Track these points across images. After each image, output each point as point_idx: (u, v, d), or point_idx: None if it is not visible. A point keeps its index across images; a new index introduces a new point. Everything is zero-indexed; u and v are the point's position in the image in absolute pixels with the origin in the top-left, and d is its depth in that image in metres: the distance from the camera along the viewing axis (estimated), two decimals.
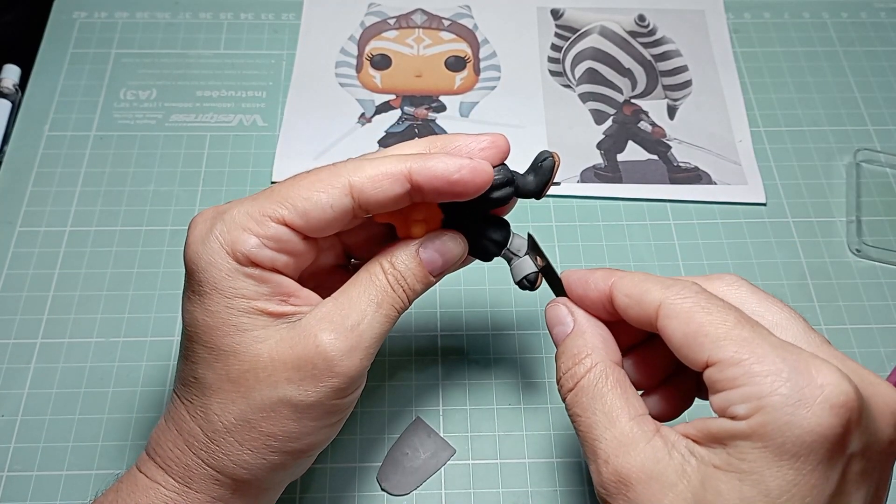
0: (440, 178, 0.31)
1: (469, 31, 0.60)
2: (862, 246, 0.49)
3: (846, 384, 0.25)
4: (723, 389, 0.27)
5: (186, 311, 0.32)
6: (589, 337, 0.32)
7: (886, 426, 0.27)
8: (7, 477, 0.40)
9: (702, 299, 0.29)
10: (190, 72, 0.56)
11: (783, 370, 0.26)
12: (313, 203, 0.30)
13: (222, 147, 0.53)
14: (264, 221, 0.30)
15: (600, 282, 0.32)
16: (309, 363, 0.30)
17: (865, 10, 0.62)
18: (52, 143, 0.53)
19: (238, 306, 0.31)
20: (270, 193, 0.31)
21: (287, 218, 0.31)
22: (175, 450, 0.32)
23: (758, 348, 0.27)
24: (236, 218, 0.31)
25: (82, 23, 0.59)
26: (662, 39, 0.60)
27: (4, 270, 0.47)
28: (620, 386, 0.30)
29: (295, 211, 0.30)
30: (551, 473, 0.41)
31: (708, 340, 0.28)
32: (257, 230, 0.30)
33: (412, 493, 0.41)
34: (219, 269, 0.30)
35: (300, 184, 0.31)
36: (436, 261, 0.33)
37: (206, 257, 0.31)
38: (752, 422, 0.26)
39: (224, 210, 0.31)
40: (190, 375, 0.32)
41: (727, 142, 0.54)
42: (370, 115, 0.55)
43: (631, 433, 0.29)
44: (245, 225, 0.30)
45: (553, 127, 0.55)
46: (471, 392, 0.44)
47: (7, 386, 0.43)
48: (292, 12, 0.60)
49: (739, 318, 0.28)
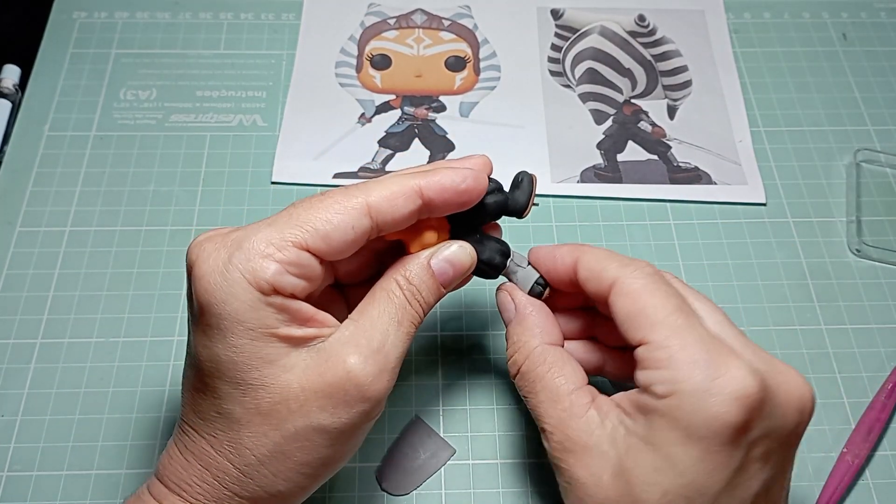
0: (449, 189, 0.32)
1: (469, 31, 0.60)
2: (862, 246, 0.49)
3: (751, 379, 0.29)
4: (648, 368, 0.30)
5: (204, 348, 0.31)
6: (528, 324, 0.35)
7: (791, 414, 0.30)
8: (7, 477, 0.40)
9: (651, 282, 0.32)
10: (190, 72, 0.56)
11: (700, 361, 0.29)
12: (334, 226, 0.30)
13: (222, 147, 0.53)
14: (286, 247, 0.30)
15: (566, 256, 0.35)
16: (340, 390, 0.30)
17: (865, 10, 0.62)
18: (52, 143, 0.53)
19: (263, 338, 0.30)
20: (289, 218, 0.31)
21: (309, 242, 0.30)
22: (203, 484, 0.31)
23: (687, 337, 0.30)
24: (256, 246, 0.30)
25: (82, 23, 0.59)
26: (662, 39, 0.60)
27: (4, 270, 0.47)
28: (557, 365, 0.34)
29: (317, 234, 0.30)
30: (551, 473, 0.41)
31: (646, 322, 0.31)
32: (279, 256, 0.30)
33: (412, 493, 0.41)
34: (241, 301, 0.29)
35: (318, 207, 0.31)
36: (447, 271, 0.34)
37: (226, 289, 0.29)
38: (667, 402, 0.29)
39: (240, 238, 0.30)
40: (212, 410, 0.31)
41: (727, 142, 0.54)
42: (370, 115, 0.55)
43: (570, 408, 0.32)
44: (265, 252, 0.30)
45: (553, 127, 0.55)
46: (471, 392, 0.44)
47: (7, 386, 0.43)
48: (292, 12, 0.60)
49: (679, 305, 0.31)
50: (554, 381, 0.33)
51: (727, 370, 0.29)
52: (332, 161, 0.52)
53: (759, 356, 0.31)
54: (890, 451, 0.42)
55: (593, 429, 0.31)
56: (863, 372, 0.45)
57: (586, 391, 0.33)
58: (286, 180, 0.52)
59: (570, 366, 0.34)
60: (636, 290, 0.32)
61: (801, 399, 0.31)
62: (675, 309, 0.31)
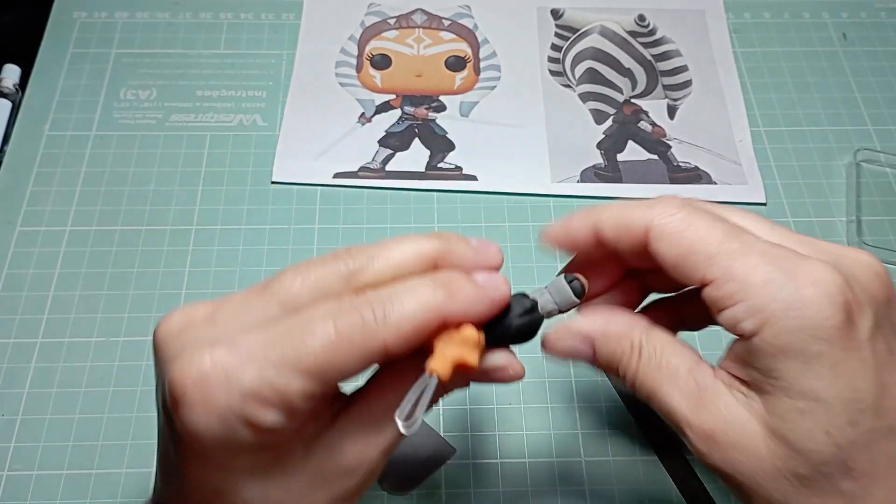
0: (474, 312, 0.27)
1: (469, 30, 0.60)
2: (862, 246, 0.49)
3: (833, 272, 0.26)
4: (725, 307, 0.27)
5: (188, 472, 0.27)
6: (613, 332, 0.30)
7: (877, 287, 0.28)
8: (7, 477, 0.40)
9: (686, 214, 0.28)
10: (190, 72, 0.56)
11: (776, 277, 0.26)
12: (346, 373, 0.26)
13: (222, 147, 0.53)
14: (292, 398, 0.25)
15: (582, 224, 0.31)
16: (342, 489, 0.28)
17: (865, 10, 0.62)
18: (52, 143, 0.53)
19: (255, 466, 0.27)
20: (295, 357, 0.25)
21: (318, 391, 0.26)
22: None
23: (749, 259, 0.27)
24: (257, 392, 0.25)
25: (82, 23, 0.59)
26: (662, 39, 0.60)
27: (4, 270, 0.47)
28: (669, 347, 0.29)
29: (326, 383, 0.26)
30: (551, 473, 0.41)
31: (700, 259, 0.27)
32: (283, 406, 0.25)
33: (412, 492, 0.40)
34: (238, 443, 0.26)
35: (328, 349, 0.25)
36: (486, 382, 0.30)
37: (224, 433, 0.25)
38: (765, 335, 0.26)
39: (238, 375, 0.25)
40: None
41: (727, 142, 0.54)
42: (370, 114, 0.55)
43: (696, 390, 0.28)
44: (269, 399, 0.25)
45: (553, 127, 0.55)
46: (471, 392, 0.44)
47: (7, 386, 0.43)
48: (292, 12, 0.60)
49: (726, 230, 0.28)
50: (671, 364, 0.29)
51: (806, 276, 0.26)
52: (332, 161, 0.52)
53: (823, 248, 0.28)
54: None
55: (728, 402, 0.28)
56: None
57: (704, 365, 0.29)
58: (286, 180, 0.52)
59: (679, 344, 0.30)
60: (675, 229, 0.28)
61: (872, 268, 0.28)
62: (725, 235, 0.28)
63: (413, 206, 0.51)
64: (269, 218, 0.50)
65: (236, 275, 0.48)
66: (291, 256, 0.48)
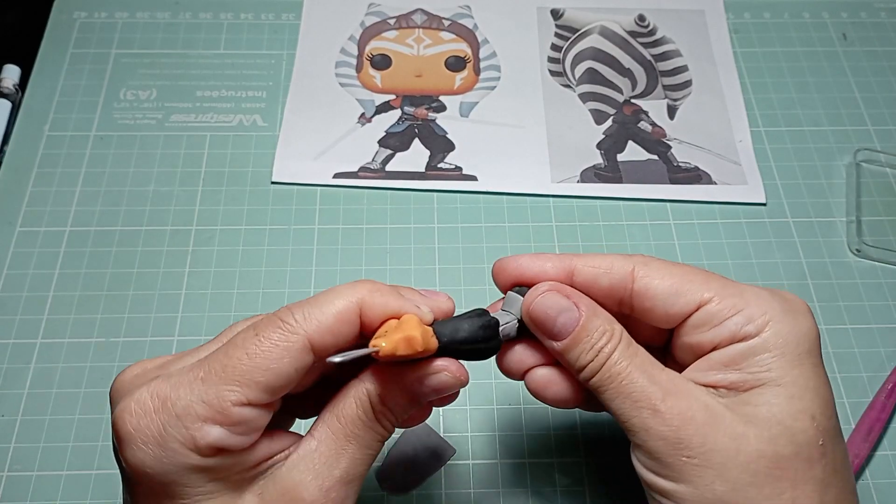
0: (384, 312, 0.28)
1: (469, 31, 0.60)
2: (862, 246, 0.49)
3: (800, 298, 0.31)
4: (726, 318, 0.30)
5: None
6: (604, 313, 0.31)
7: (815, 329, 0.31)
8: (7, 477, 0.40)
9: (664, 262, 0.32)
10: (190, 72, 0.56)
11: (764, 293, 0.31)
12: (275, 374, 0.27)
13: (222, 147, 0.53)
14: (226, 408, 0.26)
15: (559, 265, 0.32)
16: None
17: (865, 10, 0.62)
18: (52, 143, 0.53)
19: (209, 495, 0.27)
20: (222, 371, 0.27)
21: (251, 397, 0.26)
22: None
23: (734, 286, 0.31)
24: (191, 409, 0.26)
25: (82, 23, 0.59)
26: (662, 39, 0.60)
27: (4, 270, 0.47)
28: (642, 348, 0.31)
29: (258, 388, 0.26)
30: (551, 473, 0.41)
31: (695, 285, 0.31)
32: (220, 419, 0.26)
33: (412, 493, 0.41)
34: (184, 468, 0.26)
35: (254, 353, 0.27)
36: (430, 395, 0.29)
37: (166, 460, 0.26)
38: (766, 335, 0.30)
39: (170, 400, 0.26)
40: None
41: (727, 142, 0.54)
42: (370, 115, 0.55)
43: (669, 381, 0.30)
44: (204, 415, 0.26)
45: (553, 127, 0.55)
46: (471, 392, 0.44)
47: (7, 386, 0.43)
48: (292, 12, 0.60)
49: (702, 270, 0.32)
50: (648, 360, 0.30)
51: (785, 296, 0.31)
52: (332, 161, 0.52)
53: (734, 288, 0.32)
54: (890, 451, 0.42)
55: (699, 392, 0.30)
56: (863, 372, 0.45)
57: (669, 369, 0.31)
58: (286, 180, 0.52)
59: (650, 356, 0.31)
60: (660, 267, 0.31)
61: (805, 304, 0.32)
62: (703, 271, 0.32)
63: (413, 206, 0.51)
64: (269, 218, 0.50)
65: (236, 275, 0.48)
66: (291, 256, 0.48)
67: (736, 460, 0.28)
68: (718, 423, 0.29)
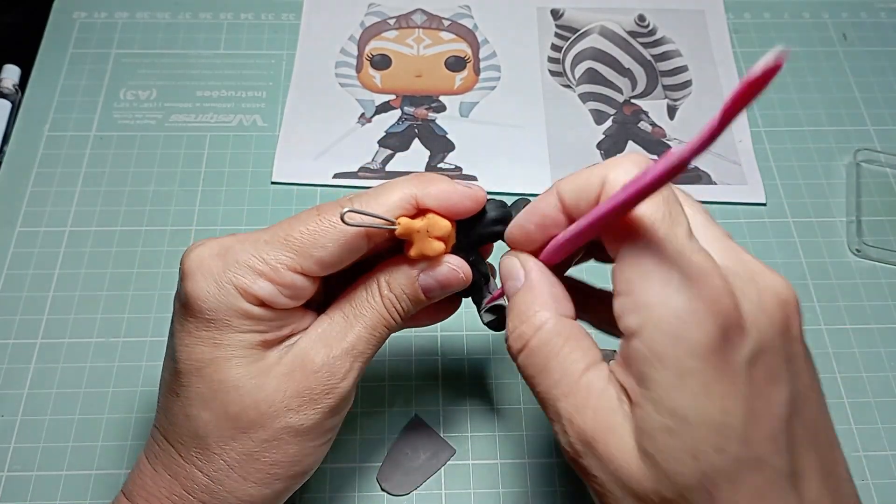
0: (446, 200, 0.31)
1: (469, 31, 0.60)
2: (862, 246, 0.49)
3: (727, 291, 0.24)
4: (618, 294, 0.26)
5: (185, 346, 0.31)
6: (538, 292, 0.29)
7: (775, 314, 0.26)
8: (7, 477, 0.40)
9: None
10: (190, 72, 0.56)
11: (675, 280, 0.25)
12: (328, 251, 0.30)
13: (222, 147, 0.53)
14: (279, 269, 0.30)
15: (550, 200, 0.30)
16: (307, 389, 0.31)
17: (865, 10, 0.62)
18: (52, 143, 0.53)
19: (246, 342, 0.31)
20: (286, 238, 0.31)
21: (304, 266, 0.30)
22: (172, 496, 0.31)
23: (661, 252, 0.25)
24: (253, 263, 0.30)
25: (82, 23, 0.59)
26: (662, 39, 0.60)
27: (4, 270, 0.47)
28: (574, 339, 0.28)
29: (312, 259, 0.30)
30: (551, 473, 0.41)
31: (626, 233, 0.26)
32: (273, 277, 0.30)
33: (412, 493, 0.41)
34: (232, 308, 0.30)
35: (315, 230, 0.30)
36: (433, 288, 0.33)
37: (219, 297, 0.30)
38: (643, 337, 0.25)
39: (236, 251, 0.31)
40: (181, 413, 0.31)
41: (727, 142, 0.54)
42: (370, 115, 0.55)
43: (588, 388, 0.27)
44: (260, 269, 0.30)
45: (553, 127, 0.55)
46: (471, 392, 0.44)
47: (7, 386, 0.43)
48: (292, 12, 0.60)
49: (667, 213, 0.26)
50: (570, 358, 0.28)
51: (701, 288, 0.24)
52: (332, 161, 0.52)
53: (742, 262, 0.27)
54: (890, 451, 0.42)
55: (614, 406, 0.26)
56: (863, 372, 0.45)
57: (602, 365, 0.28)
58: (286, 180, 0.52)
59: (587, 341, 0.28)
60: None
61: (779, 295, 0.26)
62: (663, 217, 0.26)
63: None
64: (269, 218, 0.50)
65: None
66: None
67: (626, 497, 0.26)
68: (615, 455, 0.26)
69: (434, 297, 0.33)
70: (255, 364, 0.31)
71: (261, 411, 0.30)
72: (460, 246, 0.33)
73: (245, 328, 0.30)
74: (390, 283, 0.32)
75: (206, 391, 0.30)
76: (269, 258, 0.30)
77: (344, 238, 0.30)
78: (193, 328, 0.31)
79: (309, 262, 0.30)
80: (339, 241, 0.30)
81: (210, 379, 0.30)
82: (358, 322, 0.32)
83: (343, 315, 0.32)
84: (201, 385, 0.31)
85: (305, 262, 0.30)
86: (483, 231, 0.33)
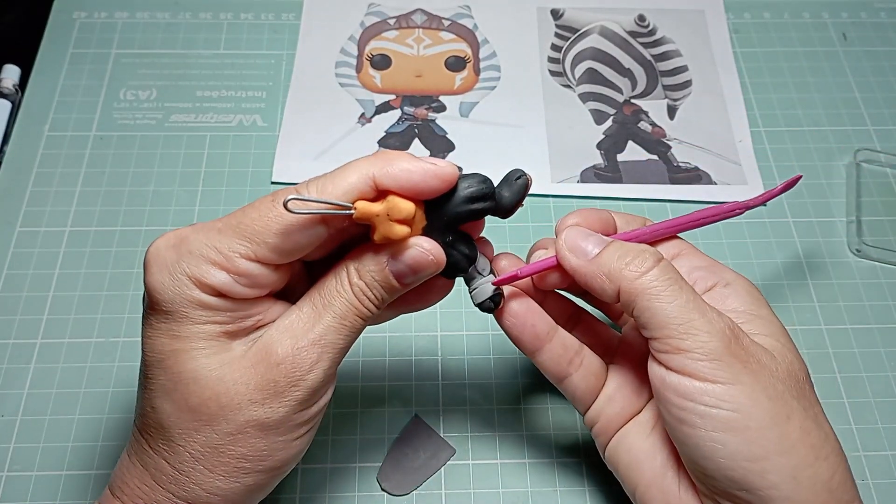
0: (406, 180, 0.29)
1: (469, 31, 0.60)
2: (862, 246, 0.49)
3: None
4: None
5: (149, 339, 0.31)
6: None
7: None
8: (7, 477, 0.40)
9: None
10: (190, 72, 0.56)
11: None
12: (287, 237, 0.29)
13: (222, 147, 0.53)
14: (233, 258, 0.29)
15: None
16: (271, 381, 0.30)
17: (865, 10, 0.62)
18: (52, 143, 0.53)
19: (205, 333, 0.30)
20: (237, 226, 0.30)
21: (259, 255, 0.29)
22: (143, 486, 0.31)
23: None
24: (203, 251, 0.29)
25: (82, 23, 0.59)
26: (662, 39, 0.60)
27: (4, 270, 0.47)
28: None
29: (266, 247, 0.29)
30: (551, 473, 0.41)
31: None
32: (227, 266, 0.29)
33: (412, 493, 0.41)
34: (188, 299, 0.30)
35: (266, 215, 0.29)
36: (405, 274, 0.31)
37: (173, 289, 0.30)
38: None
39: (189, 240, 0.30)
40: (148, 405, 0.31)
41: (727, 142, 0.54)
42: (370, 115, 0.55)
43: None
44: (213, 259, 0.29)
45: (553, 127, 0.55)
46: (471, 392, 0.44)
47: (7, 386, 0.43)
48: (292, 12, 0.60)
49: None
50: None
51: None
52: (332, 161, 0.52)
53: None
54: (890, 451, 0.42)
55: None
56: (863, 372, 0.45)
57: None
58: (286, 180, 0.52)
59: None
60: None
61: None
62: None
63: None
64: None
65: None
66: None
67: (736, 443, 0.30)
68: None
69: (410, 283, 0.31)
70: (217, 356, 0.30)
71: (221, 404, 0.30)
72: (434, 226, 0.31)
73: (203, 319, 0.30)
74: (360, 270, 0.31)
75: (167, 383, 0.30)
76: (223, 247, 0.29)
77: (296, 225, 0.29)
78: (154, 320, 0.30)
79: (263, 249, 0.29)
80: (292, 228, 0.29)
81: (171, 371, 0.30)
82: (327, 312, 0.31)
83: (312, 305, 0.31)
84: (163, 377, 0.30)
85: (260, 250, 0.29)
86: (456, 210, 0.31)
